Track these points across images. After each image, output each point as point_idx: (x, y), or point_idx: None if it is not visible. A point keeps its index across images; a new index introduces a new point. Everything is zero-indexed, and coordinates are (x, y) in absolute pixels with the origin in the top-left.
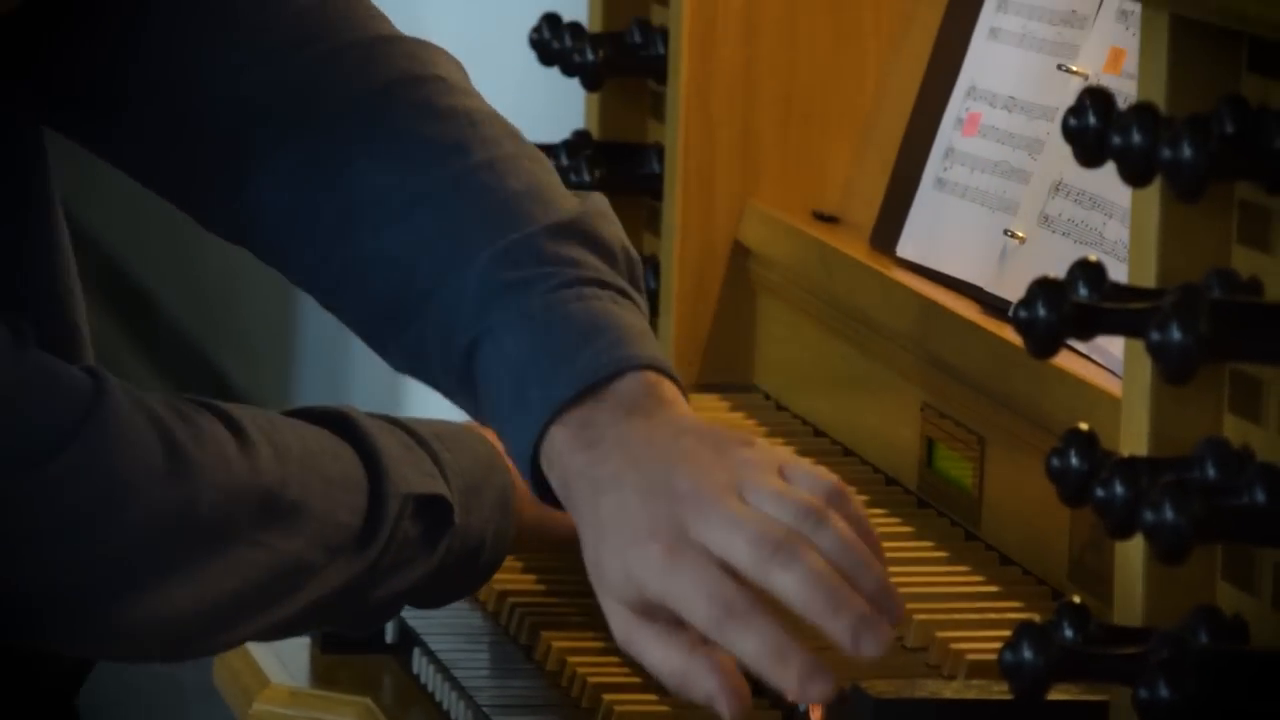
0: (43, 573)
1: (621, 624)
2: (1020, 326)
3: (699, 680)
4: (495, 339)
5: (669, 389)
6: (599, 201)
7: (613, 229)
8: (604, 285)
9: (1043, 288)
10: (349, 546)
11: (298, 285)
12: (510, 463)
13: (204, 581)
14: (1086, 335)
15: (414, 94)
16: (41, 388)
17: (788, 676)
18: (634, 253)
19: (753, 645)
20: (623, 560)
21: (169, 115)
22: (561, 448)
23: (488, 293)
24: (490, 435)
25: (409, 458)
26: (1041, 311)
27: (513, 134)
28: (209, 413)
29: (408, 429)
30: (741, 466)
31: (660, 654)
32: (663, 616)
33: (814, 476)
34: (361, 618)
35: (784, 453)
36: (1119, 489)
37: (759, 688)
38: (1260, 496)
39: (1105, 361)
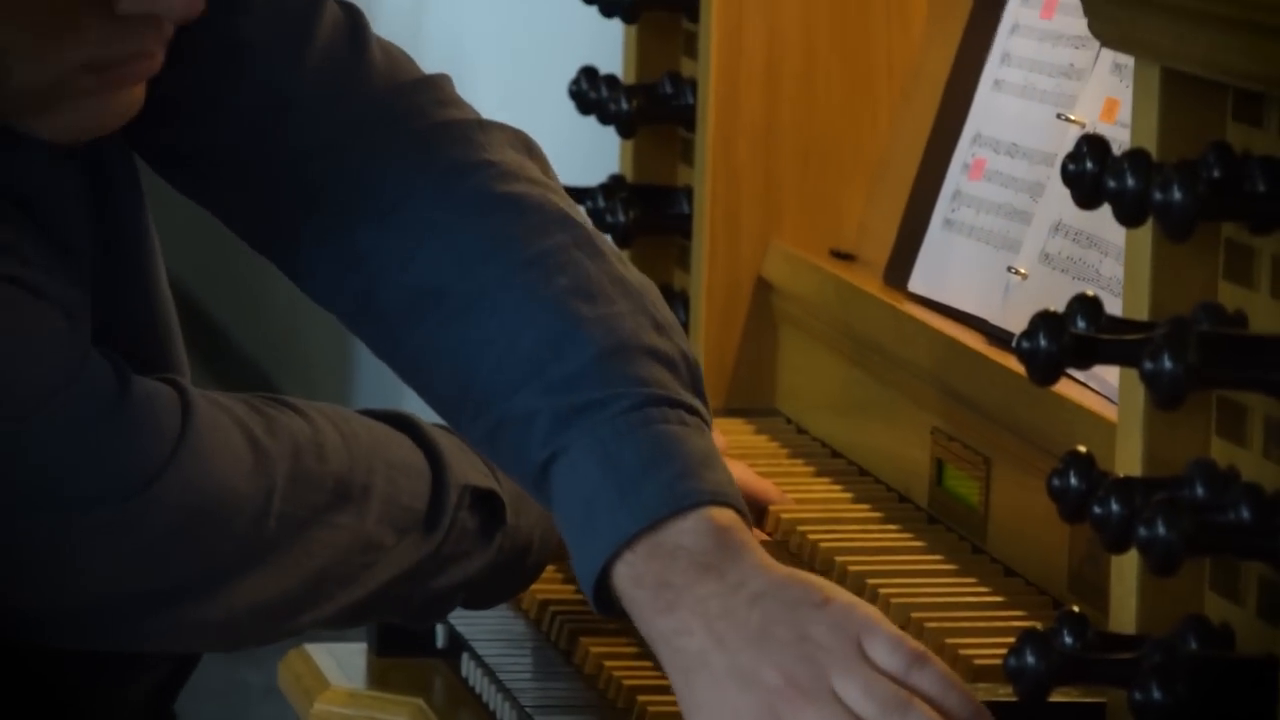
0: (151, 581)
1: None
2: (1023, 356)
3: None
4: (570, 461)
5: (737, 532)
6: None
7: (672, 332)
8: (673, 404)
9: (1044, 320)
10: (415, 529)
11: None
12: None
13: (288, 565)
14: (1084, 364)
15: (465, 184)
16: (144, 417)
17: None
18: (692, 358)
19: None
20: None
21: (247, 188)
22: (644, 608)
23: (559, 414)
24: None
25: (466, 456)
26: (1043, 342)
27: (560, 218)
28: (280, 406)
29: (462, 437)
30: (823, 653)
31: None
32: None
33: (892, 644)
34: (423, 607)
35: (859, 614)
36: (1115, 507)
37: None
38: (1245, 514)
39: (1101, 389)
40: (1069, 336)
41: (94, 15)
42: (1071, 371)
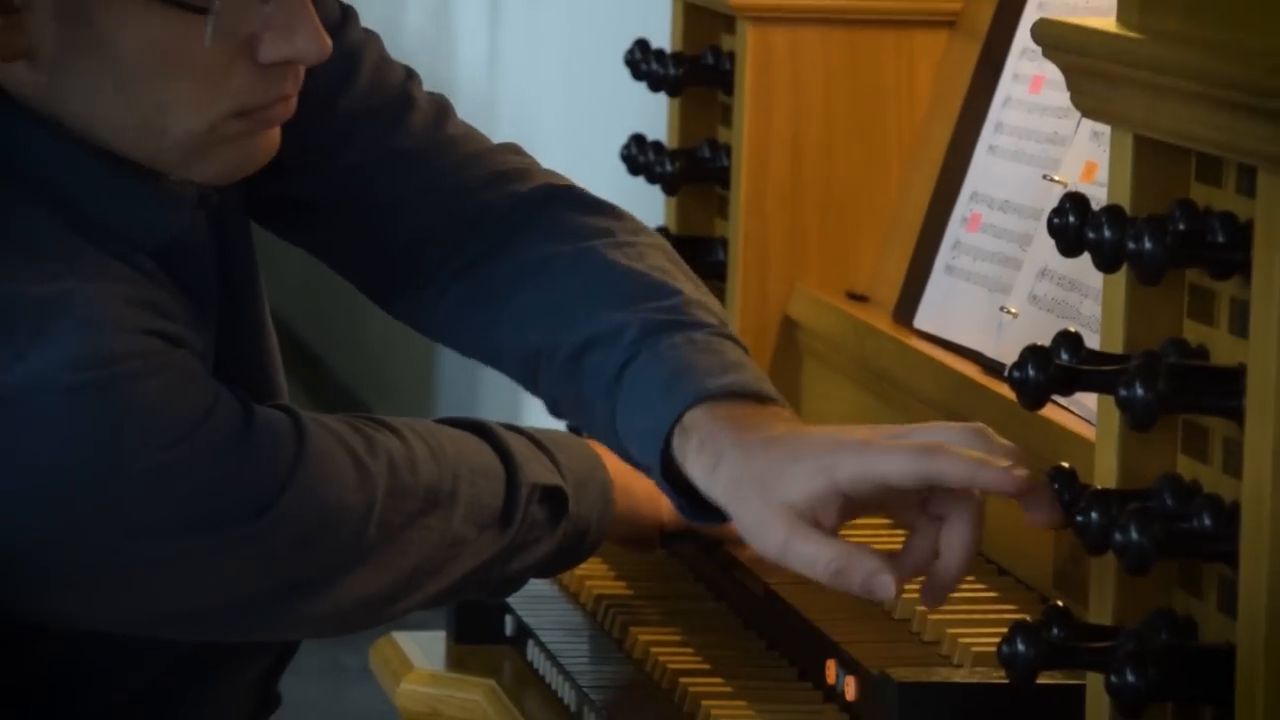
0: (269, 583)
1: (779, 537)
2: (1015, 385)
3: (858, 565)
4: (655, 350)
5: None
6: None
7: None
8: (735, 341)
9: (1033, 354)
10: (493, 524)
11: (466, 354)
12: (610, 466)
13: (386, 564)
14: (1067, 392)
15: (564, 197)
16: (266, 443)
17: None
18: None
19: (964, 461)
20: (816, 462)
21: (358, 228)
22: (722, 427)
23: (647, 325)
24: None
25: (534, 456)
26: (1031, 372)
27: (643, 226)
28: (377, 425)
29: (530, 436)
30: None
31: (821, 550)
32: (822, 522)
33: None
34: (499, 586)
35: None
36: (1094, 515)
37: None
38: (1207, 521)
39: (1082, 412)
40: (1054, 367)
41: (242, 66)
42: (1056, 397)
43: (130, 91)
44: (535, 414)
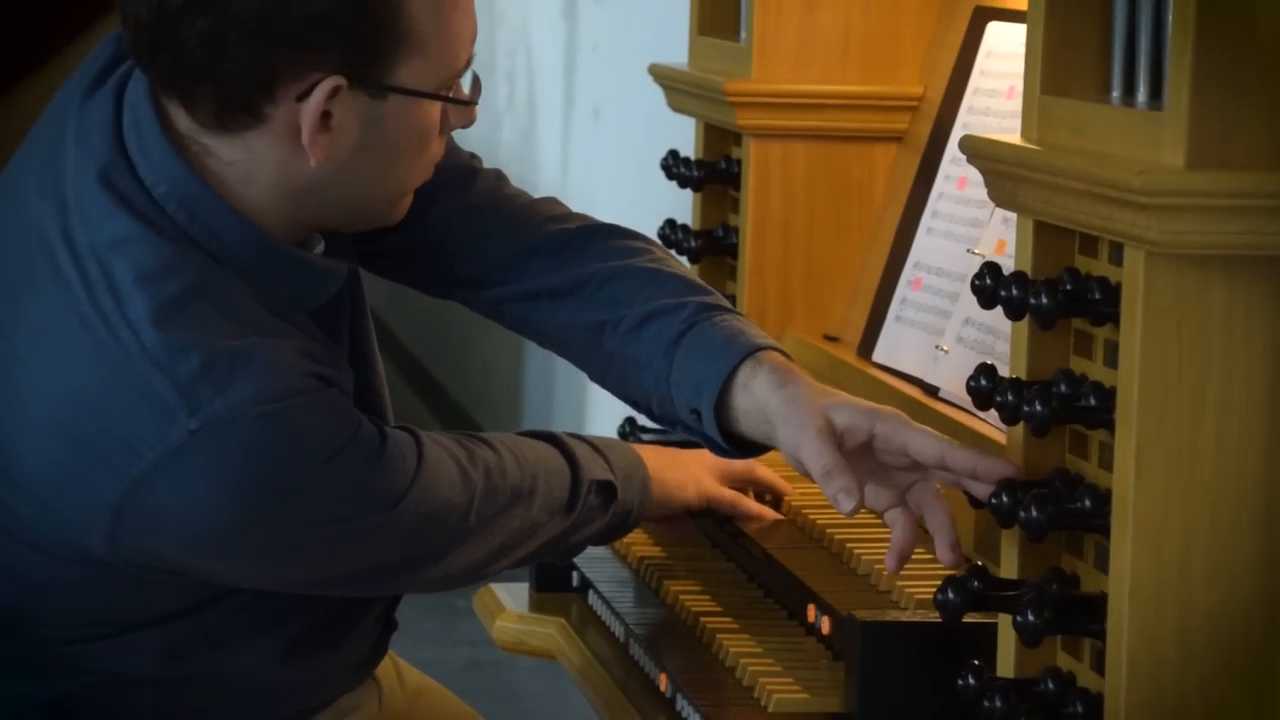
0: (395, 559)
1: (811, 431)
2: (970, 391)
3: (840, 478)
4: (710, 322)
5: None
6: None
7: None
8: (753, 326)
9: (983, 370)
10: (561, 510)
11: (544, 345)
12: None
13: (481, 543)
14: (985, 408)
15: (605, 229)
16: (395, 458)
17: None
18: None
19: (971, 453)
20: (865, 408)
21: (444, 265)
22: (790, 366)
23: (703, 306)
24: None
25: (592, 457)
26: (983, 382)
27: (665, 250)
28: (477, 441)
29: (589, 441)
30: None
31: (828, 454)
32: (836, 441)
33: None
34: (565, 553)
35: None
36: (1004, 498)
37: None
38: (1088, 503)
39: (995, 422)
40: (998, 384)
41: (441, 137)
42: (977, 411)
43: (391, 170)
44: (595, 426)
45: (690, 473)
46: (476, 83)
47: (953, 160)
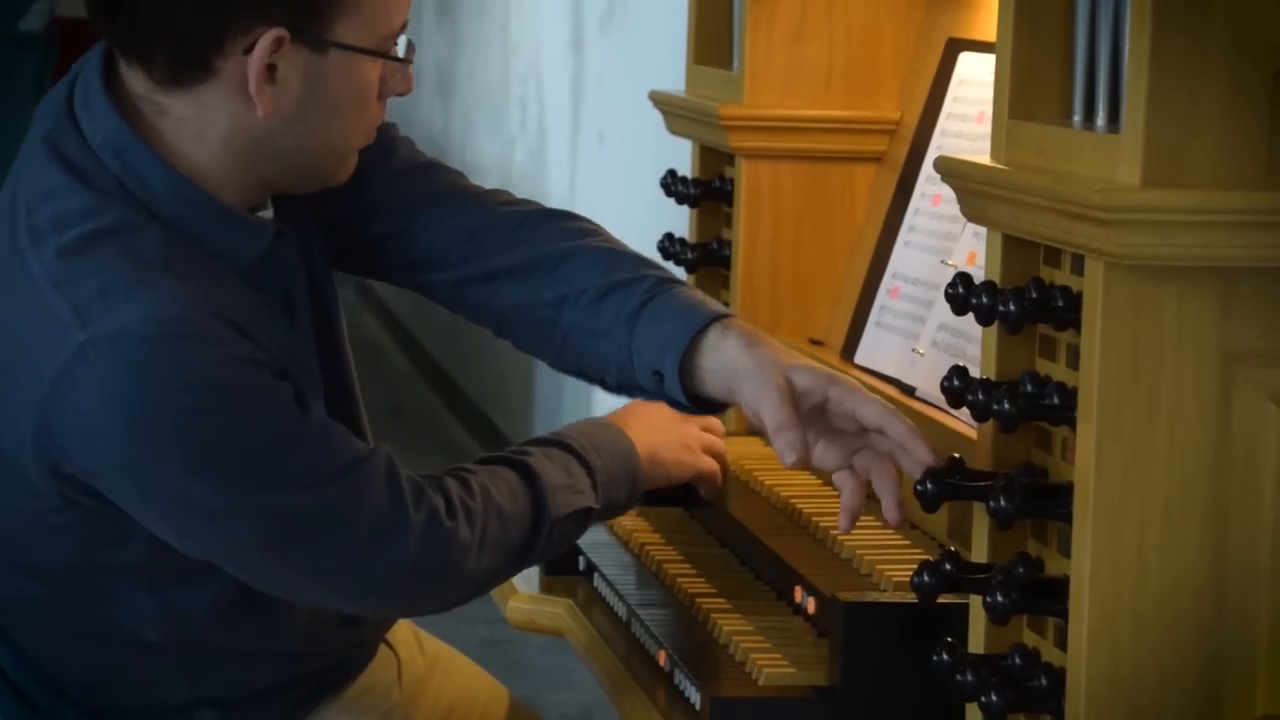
0: (411, 570)
1: (771, 389)
2: (944, 390)
3: (789, 435)
4: (671, 293)
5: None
6: None
7: None
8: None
9: (955, 371)
10: (518, 553)
11: (501, 332)
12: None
13: (478, 565)
14: (958, 406)
15: (557, 213)
16: (320, 441)
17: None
18: None
19: (907, 426)
20: (824, 373)
21: (409, 253)
22: (755, 329)
23: (662, 279)
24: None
25: (567, 483)
26: (955, 383)
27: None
28: (437, 485)
29: (574, 450)
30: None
31: (784, 412)
32: (793, 400)
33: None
34: (541, 557)
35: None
36: (929, 485)
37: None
38: (1052, 494)
39: (968, 419)
40: (970, 385)
41: (380, 101)
42: (949, 409)
43: (334, 125)
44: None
45: (677, 437)
46: (410, 47)
47: (928, 179)
